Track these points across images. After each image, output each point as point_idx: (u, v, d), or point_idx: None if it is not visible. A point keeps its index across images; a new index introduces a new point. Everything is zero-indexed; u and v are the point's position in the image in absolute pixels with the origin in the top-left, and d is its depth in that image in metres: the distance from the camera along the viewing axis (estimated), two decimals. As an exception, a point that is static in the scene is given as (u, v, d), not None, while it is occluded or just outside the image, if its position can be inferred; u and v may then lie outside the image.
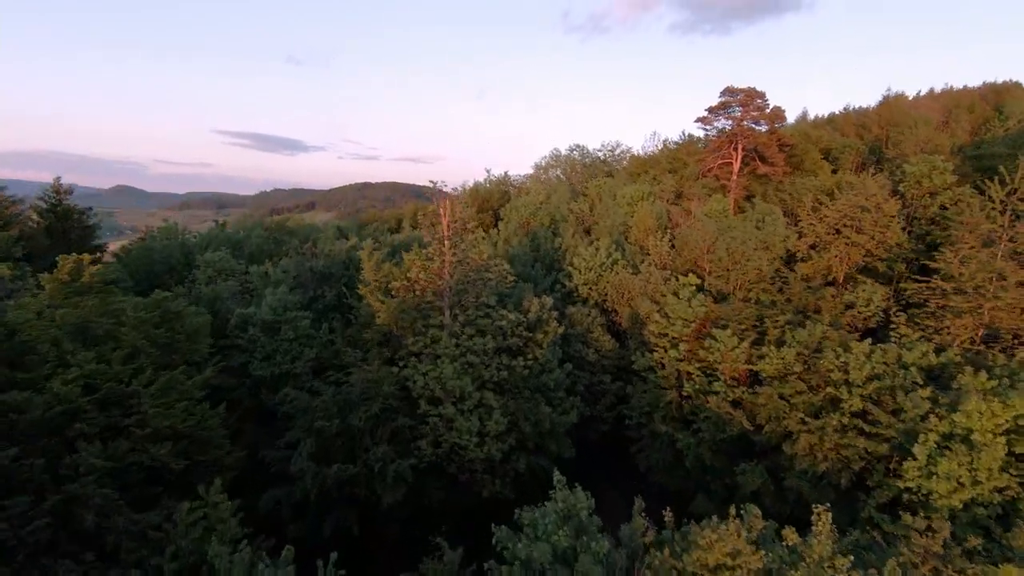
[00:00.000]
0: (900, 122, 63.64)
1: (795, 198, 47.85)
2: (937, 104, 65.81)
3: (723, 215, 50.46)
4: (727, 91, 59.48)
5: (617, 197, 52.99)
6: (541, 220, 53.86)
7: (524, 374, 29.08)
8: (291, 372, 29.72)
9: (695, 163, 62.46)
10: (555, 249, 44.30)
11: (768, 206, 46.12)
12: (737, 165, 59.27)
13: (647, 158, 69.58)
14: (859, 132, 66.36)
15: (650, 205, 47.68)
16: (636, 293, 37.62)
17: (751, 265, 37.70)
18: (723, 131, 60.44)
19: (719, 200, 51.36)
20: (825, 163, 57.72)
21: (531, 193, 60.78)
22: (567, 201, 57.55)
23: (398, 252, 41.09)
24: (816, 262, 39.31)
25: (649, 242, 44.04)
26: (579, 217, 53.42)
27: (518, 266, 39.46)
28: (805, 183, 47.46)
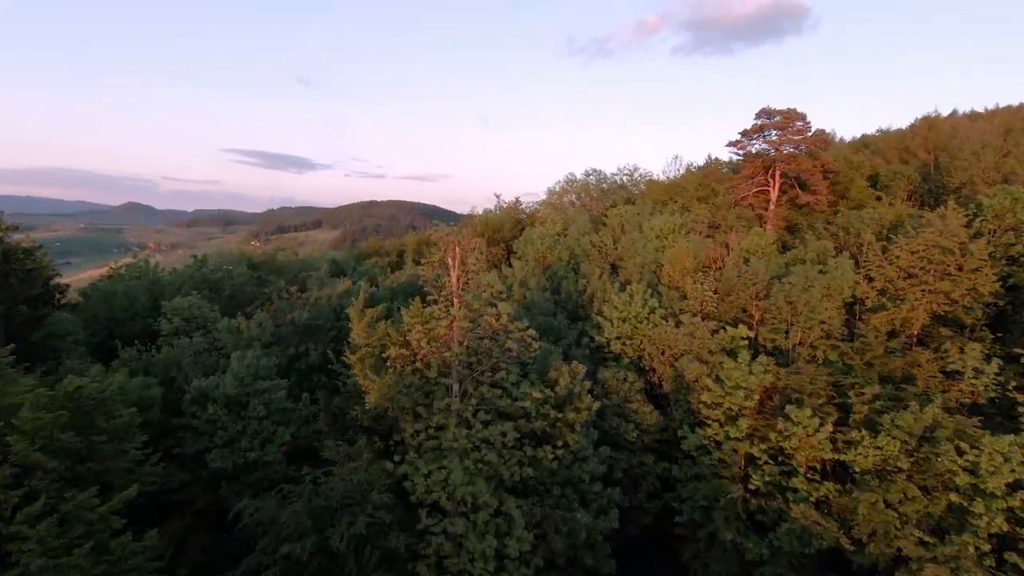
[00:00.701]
0: (949, 145, 57.73)
1: (850, 232, 41.70)
2: (991, 125, 59.94)
3: (767, 251, 44.38)
4: (763, 112, 53.85)
5: (645, 229, 46.98)
6: (559, 254, 47.85)
7: (552, 466, 22.76)
8: (260, 461, 23.48)
9: (726, 191, 56.61)
10: (579, 292, 38.13)
11: (822, 243, 39.99)
12: (775, 194, 53.37)
13: (670, 184, 63.76)
14: (902, 156, 60.38)
15: (685, 240, 41.58)
16: (679, 350, 31.36)
17: (817, 317, 31.43)
18: (758, 156, 54.75)
19: (760, 234, 45.25)
20: (872, 192, 51.64)
21: (547, 222, 54.93)
22: (587, 232, 51.58)
23: (397, 298, 35.09)
24: (892, 313, 32.99)
25: (687, 285, 37.90)
26: (602, 251, 47.37)
27: (538, 315, 33.31)
28: (862, 216, 41.32)
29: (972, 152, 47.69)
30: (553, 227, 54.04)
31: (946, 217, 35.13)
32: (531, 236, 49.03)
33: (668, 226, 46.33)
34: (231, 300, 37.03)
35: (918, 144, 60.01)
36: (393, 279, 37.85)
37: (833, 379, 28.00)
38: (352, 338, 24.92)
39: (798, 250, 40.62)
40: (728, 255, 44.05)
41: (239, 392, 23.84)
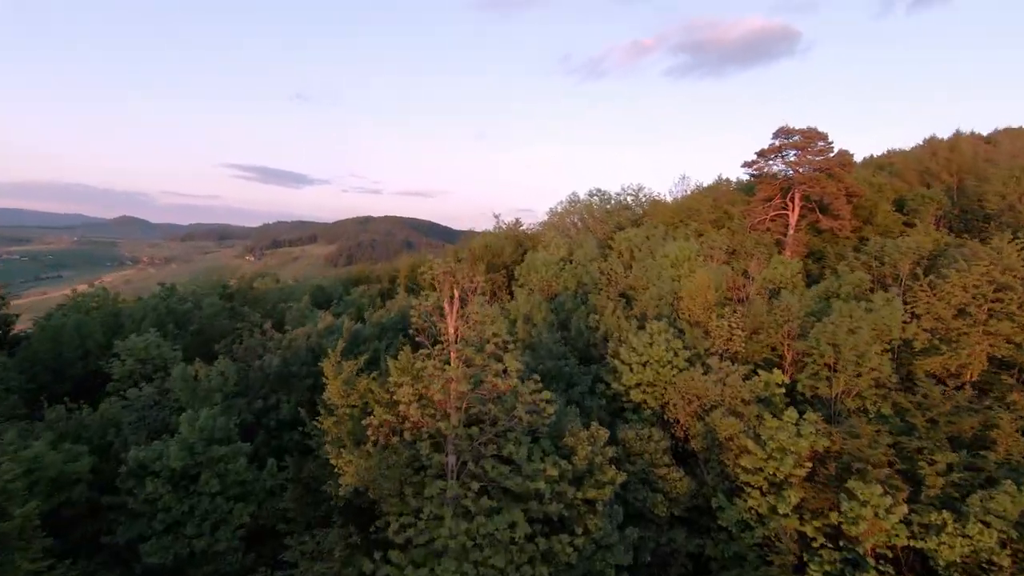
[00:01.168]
0: (974, 167, 54.42)
1: (885, 263, 37.85)
2: (1014, 147, 56.70)
3: (793, 282, 40.45)
4: (781, 132, 50.37)
5: (658, 256, 43.01)
6: (565, 282, 43.74)
7: (571, 559, 18.35)
8: (210, 551, 18.94)
9: (741, 214, 52.92)
10: (590, 329, 33.94)
11: (857, 275, 36.08)
12: (795, 218, 49.67)
13: (678, 205, 60.06)
14: (923, 179, 56.99)
15: (705, 270, 37.57)
16: (710, 400, 27.12)
17: (866, 364, 27.30)
18: (776, 177, 51.18)
19: (784, 263, 41.38)
20: (897, 216, 48.02)
21: (550, 246, 50.94)
22: (595, 258, 47.58)
23: (386, 335, 30.79)
24: (947, 358, 28.96)
25: (711, 321, 33.82)
26: (612, 279, 43.30)
27: (546, 358, 29.07)
28: (899, 244, 37.51)
29: (1009, 176, 44.14)
30: (557, 251, 50.04)
31: (1001, 249, 31.35)
32: (534, 262, 44.96)
33: (683, 253, 42.38)
34: (198, 336, 32.58)
35: (940, 166, 56.65)
36: (382, 313, 33.53)
37: (893, 440, 23.86)
38: (327, 396, 20.54)
39: (829, 281, 36.69)
40: (750, 285, 40.14)
41: (187, 464, 19.37)
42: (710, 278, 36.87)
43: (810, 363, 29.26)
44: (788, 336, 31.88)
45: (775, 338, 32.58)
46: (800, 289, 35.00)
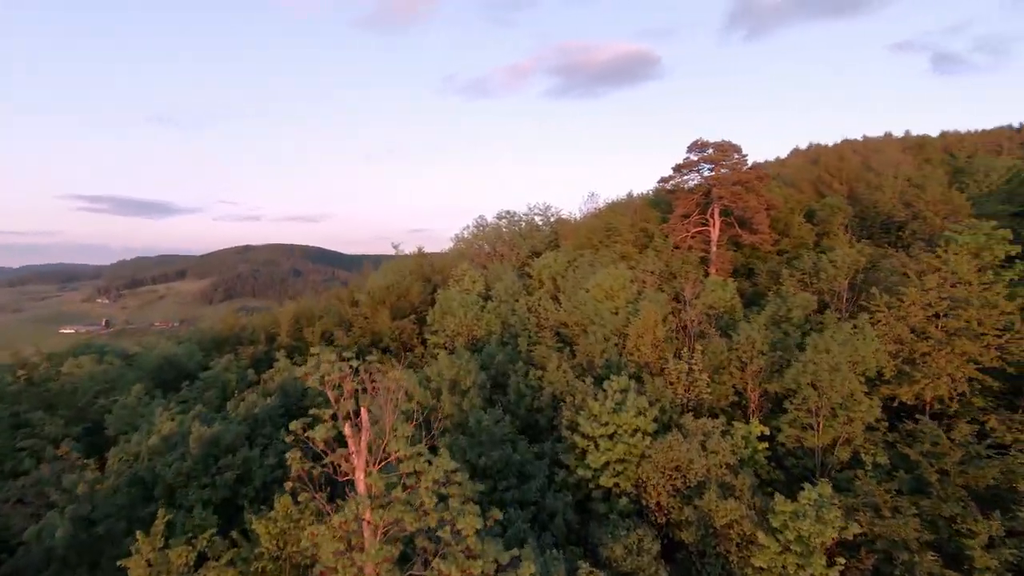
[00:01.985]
0: (863, 176, 56.51)
1: (823, 279, 35.75)
2: (892, 155, 59.84)
3: (732, 304, 37.18)
4: (695, 145, 48.00)
5: (591, 287, 37.81)
6: (488, 324, 36.96)
7: None
8: None
9: (662, 232, 49.89)
10: (532, 389, 27.39)
11: (803, 296, 33.29)
12: (716, 233, 47.36)
13: (594, 225, 56.06)
14: (818, 188, 58.28)
15: (650, 303, 32.82)
16: (695, 473, 21.69)
17: (858, 409, 23.53)
18: (694, 192, 48.73)
19: (721, 285, 38.06)
20: (809, 227, 47.50)
21: (464, 280, 43.95)
22: (517, 292, 41.40)
23: (259, 437, 21.87)
24: (918, 385, 26.30)
25: (668, 364, 28.87)
26: (541, 318, 37.28)
27: (487, 444, 21.96)
28: (836, 259, 35.55)
29: (915, 184, 45.04)
30: (473, 286, 43.22)
31: (952, 260, 29.79)
32: (449, 303, 37.70)
33: (617, 282, 37.59)
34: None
35: (831, 175, 58.25)
36: (255, 399, 24.26)
37: (912, 503, 19.91)
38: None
39: (775, 305, 33.59)
40: (688, 311, 36.24)
41: None
42: (657, 311, 32.18)
43: (791, 409, 25.09)
44: (755, 376, 27.81)
45: (738, 378, 28.42)
46: (756, 321, 31.29)
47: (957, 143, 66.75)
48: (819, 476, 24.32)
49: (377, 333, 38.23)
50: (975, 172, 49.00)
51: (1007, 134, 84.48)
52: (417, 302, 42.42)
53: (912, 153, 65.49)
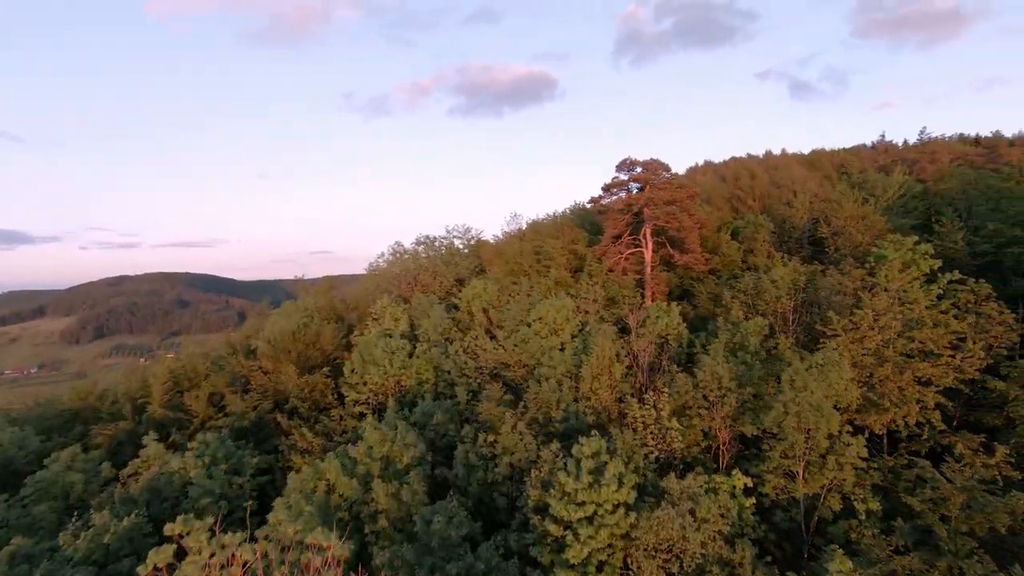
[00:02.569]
0: (771, 193, 58.32)
1: (765, 299, 34.64)
2: (804, 171, 62.58)
3: (679, 332, 34.98)
4: (625, 164, 46.29)
5: (532, 321, 33.90)
6: (420, 372, 31.73)
7: None
8: None
9: (594, 255, 47.44)
10: (485, 461, 22.68)
11: (756, 321, 31.66)
12: (649, 254, 45.68)
13: (521, 248, 52.58)
14: (733, 205, 59.39)
15: (604, 338, 29.47)
16: (691, 554, 18.16)
17: (848, 453, 21.38)
18: (623, 212, 46.83)
19: (665, 311, 35.80)
20: (735, 246, 47.34)
21: (384, 317, 38.30)
22: (447, 329, 36.56)
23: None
24: (888, 414, 25.03)
25: (631, 410, 25.47)
26: (480, 360, 32.70)
27: (437, 552, 16.97)
28: (775, 278, 34.58)
29: (827, 200, 46.20)
30: (396, 324, 37.69)
31: (893, 279, 29.38)
32: (370, 350, 31.97)
33: (560, 314, 34.05)
34: None
35: (745, 192, 59.58)
36: (103, 525, 17.17)
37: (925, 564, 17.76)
38: None
39: (727, 332, 31.66)
40: (636, 342, 33.52)
41: None
42: (610, 346, 28.87)
43: (774, 455, 22.55)
44: (725, 418, 25.22)
45: (707, 420, 25.72)
46: (715, 351, 28.94)
47: (831, 159, 71.97)
48: (811, 531, 21.97)
49: (281, 392, 31.50)
50: (873, 187, 51.85)
51: (865, 152, 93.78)
52: (330, 349, 36.05)
53: (806, 168, 69.46)
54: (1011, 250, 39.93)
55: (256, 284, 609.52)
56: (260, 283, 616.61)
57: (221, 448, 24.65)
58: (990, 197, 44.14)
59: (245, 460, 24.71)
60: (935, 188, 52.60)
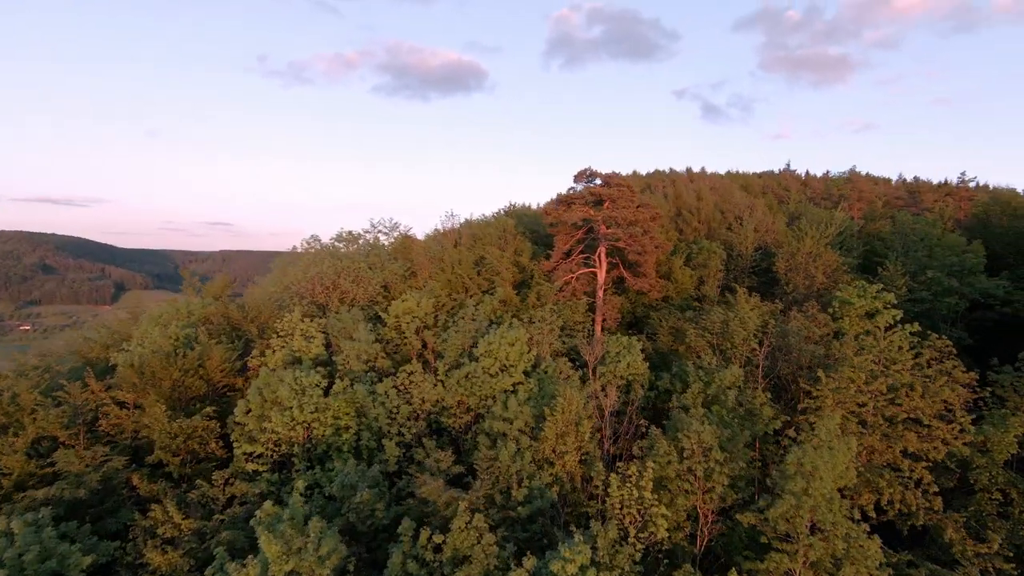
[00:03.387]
0: (715, 215, 56.94)
1: (730, 342, 31.63)
2: (743, 195, 61.85)
3: (641, 374, 30.99)
4: (583, 175, 41.76)
5: (481, 355, 28.26)
6: (340, 420, 24.96)
7: None
8: None
9: (541, 272, 42.59)
10: (435, 565, 16.83)
11: (733, 371, 28.26)
12: (603, 276, 41.64)
13: (458, 256, 46.56)
14: (678, 225, 57.34)
15: (569, 387, 24.51)
16: None
17: (861, 553, 18.04)
18: (577, 227, 42.37)
19: (624, 345, 31.67)
20: (688, 272, 44.71)
21: (294, 336, 30.88)
22: (374, 357, 29.98)
23: None
24: (885, 495, 22.41)
25: (611, 488, 20.76)
26: (417, 406, 26.55)
27: None
28: (742, 317, 31.65)
29: (780, 231, 44.71)
30: (309, 346, 30.45)
31: (879, 337, 27.11)
32: (275, 386, 24.71)
33: (516, 348, 28.71)
34: None
35: (691, 214, 57.69)
36: None
37: None
38: None
39: (698, 379, 28.03)
40: (594, 382, 29.13)
41: None
42: (577, 398, 24.01)
43: (778, 560, 18.78)
44: (716, 500, 21.28)
45: (692, 501, 21.70)
46: (693, 405, 25.08)
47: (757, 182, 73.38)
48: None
49: (145, 439, 23.41)
50: (818, 222, 51.68)
51: (775, 177, 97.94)
52: (219, 377, 28.02)
53: (738, 189, 69.63)
54: (947, 300, 40.55)
55: (139, 253, 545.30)
56: (144, 252, 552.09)
57: (34, 542, 16.76)
58: (926, 244, 44.95)
59: (72, 560, 16.96)
60: (869, 228, 53.65)
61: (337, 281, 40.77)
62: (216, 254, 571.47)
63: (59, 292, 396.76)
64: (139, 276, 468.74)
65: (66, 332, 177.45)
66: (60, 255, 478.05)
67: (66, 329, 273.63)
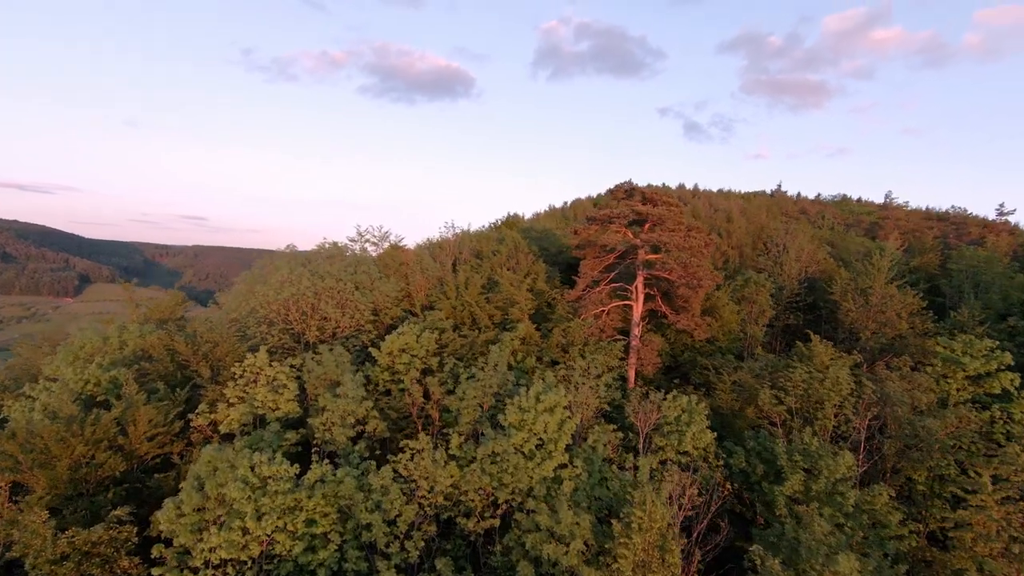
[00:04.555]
0: (741, 238, 50.79)
1: (821, 409, 24.97)
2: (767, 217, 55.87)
3: (707, 452, 24.08)
4: (622, 190, 34.94)
5: (511, 425, 20.96)
6: (316, 526, 17.32)
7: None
8: None
9: (565, 302, 35.47)
10: None
11: (847, 457, 21.53)
12: (639, 310, 34.74)
13: (465, 278, 39.18)
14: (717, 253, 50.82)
15: (657, 498, 17.32)
16: None
17: None
18: (610, 250, 35.44)
19: (684, 409, 24.75)
20: (732, 307, 38.12)
21: (258, 385, 23.09)
22: (367, 414, 22.41)
23: None
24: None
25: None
26: (421, 495, 19.06)
27: None
28: (837, 378, 25.02)
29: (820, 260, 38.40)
30: (276, 403, 22.70)
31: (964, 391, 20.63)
32: (222, 480, 16.97)
33: (555, 418, 21.46)
34: None
35: (720, 238, 51.42)
36: None
37: None
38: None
39: (793, 466, 21.25)
40: (648, 458, 22.14)
41: None
42: (663, 510, 16.89)
43: None
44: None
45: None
46: (807, 514, 18.24)
47: (747, 201, 67.81)
48: None
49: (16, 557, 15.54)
50: (861, 254, 45.73)
51: (764, 199, 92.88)
52: (147, 448, 20.05)
53: (764, 210, 63.84)
54: (1035, 353, 34.71)
55: (108, 244, 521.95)
56: (113, 244, 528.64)
57: None
58: (999, 284, 39.23)
59: None
60: (917, 262, 48.03)
61: (317, 305, 33.02)
62: (188, 248, 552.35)
63: (17, 282, 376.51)
64: (106, 268, 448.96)
65: (24, 325, 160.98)
66: (21, 243, 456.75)
67: (24, 321, 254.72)
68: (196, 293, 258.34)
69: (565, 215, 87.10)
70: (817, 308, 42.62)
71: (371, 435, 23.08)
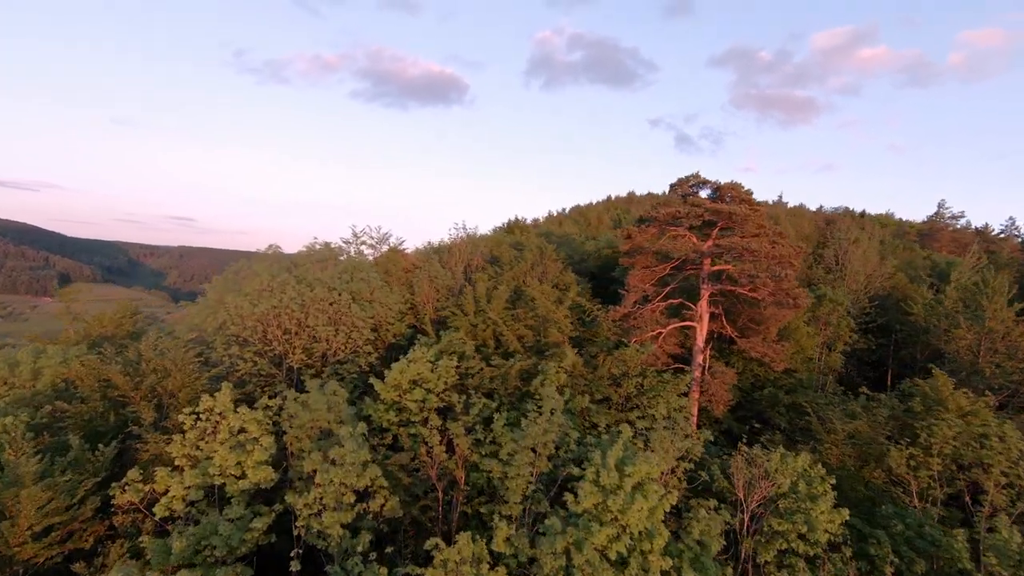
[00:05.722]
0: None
1: (946, 473, 18.60)
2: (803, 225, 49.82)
3: (832, 527, 17.60)
4: (685, 184, 28.53)
5: (586, 512, 14.21)
6: None
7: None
8: None
9: (608, 319, 28.83)
10: None
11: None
12: (703, 333, 28.17)
13: (485, 289, 32.38)
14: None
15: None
16: None
17: None
18: (669, 258, 28.92)
19: (801, 475, 18.20)
20: (805, 329, 31.69)
21: (219, 442, 16.02)
22: (373, 477, 15.41)
23: None
24: None
25: None
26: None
27: None
28: (995, 434, 18.63)
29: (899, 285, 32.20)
30: (243, 464, 15.67)
31: None
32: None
33: (650, 497, 14.77)
34: None
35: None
36: None
37: None
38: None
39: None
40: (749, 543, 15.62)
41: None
42: None
43: None
44: None
45: None
46: None
47: None
48: None
49: None
50: (939, 271, 39.77)
51: (769, 208, 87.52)
52: (30, 552, 13.03)
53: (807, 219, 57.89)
54: None
55: (91, 243, 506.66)
56: (96, 243, 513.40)
57: None
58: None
59: None
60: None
61: (304, 321, 25.99)
62: (174, 249, 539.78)
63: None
64: (87, 268, 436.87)
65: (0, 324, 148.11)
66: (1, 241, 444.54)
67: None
68: (180, 294, 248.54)
69: (575, 220, 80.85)
70: (890, 330, 36.44)
71: (377, 514, 16.15)
